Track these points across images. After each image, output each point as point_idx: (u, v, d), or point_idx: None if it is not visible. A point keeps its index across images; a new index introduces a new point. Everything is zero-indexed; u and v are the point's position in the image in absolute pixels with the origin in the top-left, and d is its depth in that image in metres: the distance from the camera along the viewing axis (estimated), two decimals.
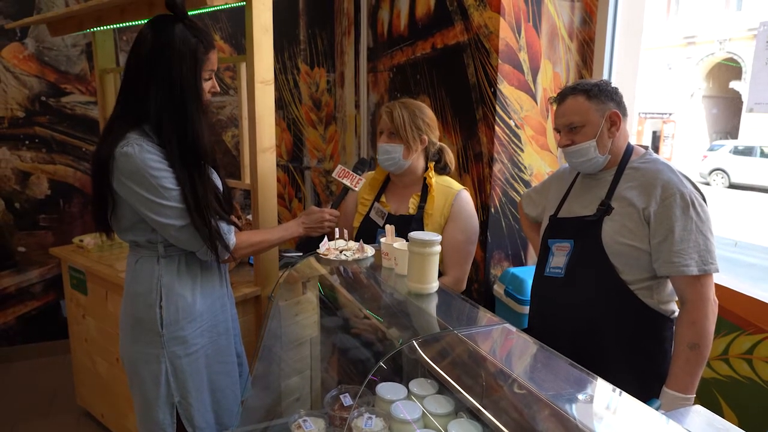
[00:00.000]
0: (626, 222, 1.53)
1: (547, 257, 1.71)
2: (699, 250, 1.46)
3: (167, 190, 1.43)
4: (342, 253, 1.53)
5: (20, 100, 3.30)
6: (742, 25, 14.10)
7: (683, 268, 1.45)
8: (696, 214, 1.47)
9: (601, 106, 1.56)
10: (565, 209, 1.72)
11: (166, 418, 1.58)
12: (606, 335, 1.57)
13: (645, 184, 1.54)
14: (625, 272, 1.54)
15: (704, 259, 1.46)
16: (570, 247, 1.64)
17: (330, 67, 3.53)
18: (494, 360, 1.09)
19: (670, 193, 1.48)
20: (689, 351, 1.46)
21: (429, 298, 1.26)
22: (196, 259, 1.57)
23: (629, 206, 1.54)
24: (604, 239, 1.55)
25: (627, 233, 1.53)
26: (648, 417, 0.95)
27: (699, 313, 1.46)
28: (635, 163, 1.60)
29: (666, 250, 1.48)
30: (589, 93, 1.56)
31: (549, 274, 1.68)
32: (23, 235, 3.42)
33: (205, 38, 1.47)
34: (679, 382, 1.46)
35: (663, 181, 1.51)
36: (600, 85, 1.58)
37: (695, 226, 1.46)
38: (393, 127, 1.81)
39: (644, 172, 1.57)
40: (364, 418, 1.39)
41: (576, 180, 1.75)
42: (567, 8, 2.44)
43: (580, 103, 1.57)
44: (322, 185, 3.76)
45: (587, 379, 0.99)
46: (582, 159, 1.59)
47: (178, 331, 1.54)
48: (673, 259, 1.46)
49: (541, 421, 1.05)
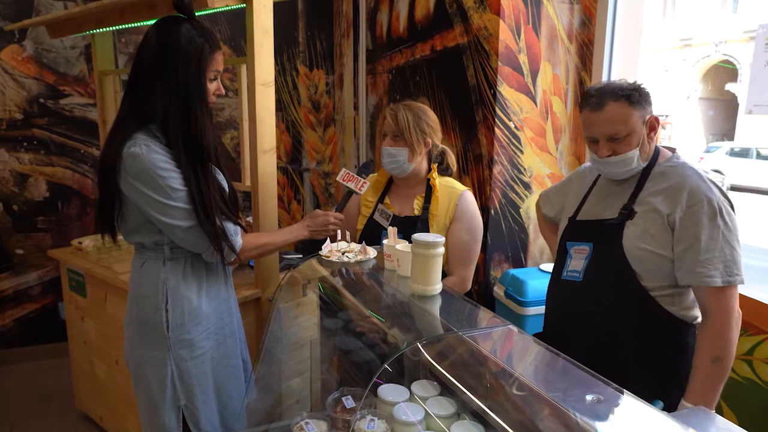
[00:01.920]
0: (649, 227, 1.47)
1: (564, 260, 1.65)
2: (725, 261, 1.39)
3: (174, 190, 1.43)
4: (344, 254, 1.53)
5: (19, 102, 3.29)
6: (738, 28, 14.16)
7: (707, 279, 1.39)
8: (723, 222, 1.41)
9: (643, 111, 1.47)
10: (585, 211, 1.66)
11: (172, 421, 1.57)
12: (625, 342, 1.52)
13: (671, 189, 1.47)
14: (646, 279, 1.47)
15: (729, 270, 1.39)
16: (589, 250, 1.57)
17: (329, 69, 3.53)
18: (498, 361, 1.09)
19: (697, 200, 1.42)
20: (711, 365, 1.40)
21: (432, 299, 1.26)
22: (201, 261, 1.57)
23: (653, 211, 1.47)
24: (626, 244, 1.48)
25: (649, 239, 1.46)
26: (652, 417, 0.95)
27: (722, 325, 1.40)
28: (662, 166, 1.52)
29: (690, 259, 1.41)
30: (631, 98, 1.44)
31: (566, 278, 1.62)
32: (21, 238, 3.41)
33: (212, 39, 1.48)
34: (699, 396, 1.41)
35: (690, 186, 1.44)
36: (639, 89, 1.47)
37: (722, 235, 1.40)
38: (398, 129, 1.81)
39: (671, 176, 1.49)
40: (367, 420, 1.39)
41: (597, 181, 1.68)
42: (566, 10, 2.44)
43: (624, 110, 1.44)
44: (321, 187, 3.76)
45: (591, 380, 0.99)
46: (624, 169, 1.51)
47: (184, 334, 1.53)
48: (697, 269, 1.40)
49: (544, 423, 1.05)
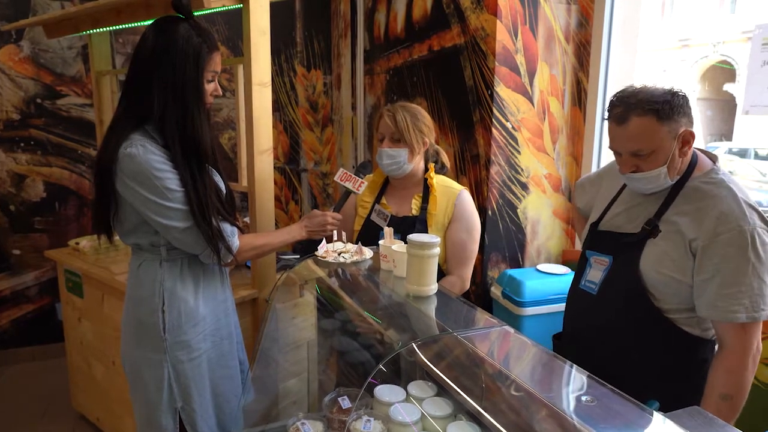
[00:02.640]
0: (670, 251, 1.36)
1: (584, 268, 1.57)
2: (752, 296, 1.26)
3: (171, 191, 1.42)
4: (340, 255, 1.53)
5: (16, 102, 3.29)
6: (736, 28, 14.18)
7: (730, 315, 1.27)
8: (755, 254, 1.26)
9: (674, 126, 1.31)
10: (608, 220, 1.56)
11: (169, 423, 1.57)
12: (639, 356, 1.44)
13: (699, 210, 1.33)
14: (662, 301, 1.38)
15: (756, 305, 1.26)
16: (609, 262, 1.48)
17: (327, 70, 3.53)
18: (493, 362, 1.09)
19: (727, 228, 1.28)
20: (721, 401, 1.30)
21: (428, 300, 1.26)
22: (198, 262, 1.57)
23: (676, 233, 1.35)
24: (643, 265, 1.38)
25: (669, 263, 1.35)
26: (647, 418, 0.95)
27: (739, 363, 1.29)
28: (696, 181, 1.38)
29: (712, 291, 1.29)
30: (660, 113, 1.29)
31: (583, 288, 1.55)
32: (18, 238, 3.41)
33: (210, 39, 1.48)
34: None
35: (721, 211, 1.30)
36: (671, 100, 1.31)
37: (752, 268, 1.26)
38: (397, 131, 1.81)
39: (703, 195, 1.35)
40: (363, 420, 1.39)
41: (625, 186, 1.56)
42: (563, 11, 2.44)
43: (650, 126, 1.30)
44: (318, 187, 3.76)
45: (586, 381, 0.99)
46: (649, 186, 1.39)
47: (180, 336, 1.53)
48: (718, 303, 1.28)
49: (539, 423, 1.05)
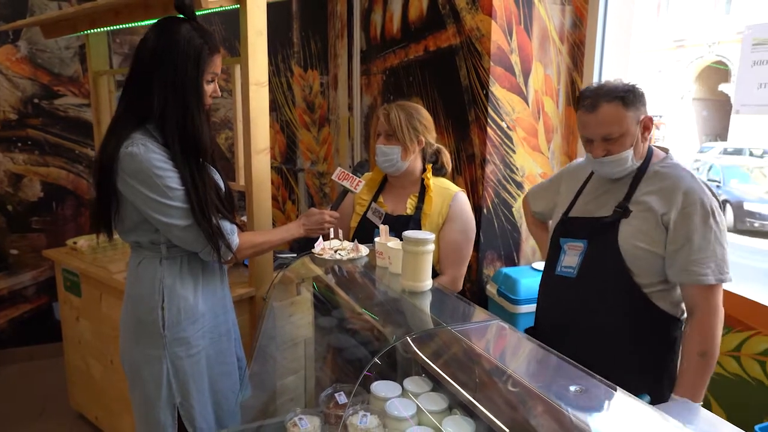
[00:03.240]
0: (643, 226, 1.51)
1: (558, 256, 1.68)
2: (716, 260, 1.45)
3: (172, 189, 1.44)
4: (337, 252, 1.55)
5: (13, 103, 3.30)
6: (731, 29, 14.23)
7: (701, 278, 1.44)
8: (716, 223, 1.46)
9: (637, 112, 1.50)
10: (578, 208, 1.69)
11: (168, 419, 1.58)
12: (617, 337, 1.55)
13: (665, 189, 1.51)
14: (639, 275, 1.52)
15: (720, 268, 1.45)
16: (583, 247, 1.61)
17: (323, 70, 3.55)
18: (487, 356, 1.11)
19: (691, 201, 1.46)
20: (699, 359, 1.45)
21: (423, 295, 1.28)
22: (198, 260, 1.58)
23: (647, 211, 1.51)
24: (621, 242, 1.52)
25: (643, 237, 1.50)
26: (640, 411, 0.97)
27: (710, 322, 1.46)
28: (656, 166, 1.57)
29: (683, 258, 1.46)
30: (625, 100, 1.48)
31: (560, 273, 1.65)
32: (15, 238, 3.42)
33: (211, 41, 1.50)
34: (689, 389, 1.46)
35: (685, 188, 1.49)
36: (633, 90, 1.51)
37: (714, 235, 1.45)
38: (390, 128, 1.83)
39: (665, 177, 1.54)
40: (359, 415, 1.41)
41: (590, 178, 1.71)
42: (558, 11, 2.47)
43: (618, 111, 1.48)
44: (315, 187, 3.77)
45: (577, 373, 1.01)
46: (618, 169, 1.55)
47: (180, 333, 1.55)
48: (690, 268, 1.45)
49: (534, 417, 1.07)
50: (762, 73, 1.85)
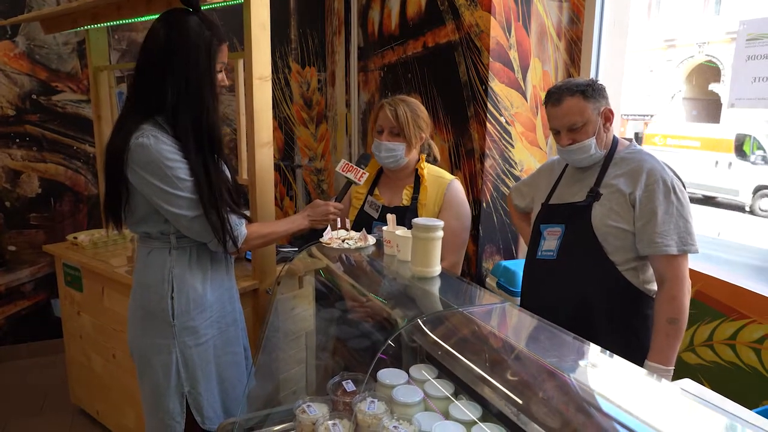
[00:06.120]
0: (614, 206, 1.64)
1: (538, 242, 1.79)
2: (679, 232, 1.57)
3: (181, 180, 1.46)
4: (345, 242, 1.57)
5: (11, 98, 3.29)
6: (721, 29, 14.39)
7: (665, 248, 1.57)
8: (677, 198, 1.59)
9: (597, 104, 1.65)
10: (556, 197, 1.81)
11: (176, 407, 1.60)
12: (596, 312, 1.67)
13: (631, 172, 1.65)
14: (613, 253, 1.64)
15: (684, 240, 1.57)
16: (561, 231, 1.74)
17: (321, 67, 3.57)
18: (499, 335, 1.14)
19: (653, 180, 1.60)
20: (669, 326, 1.57)
21: (432, 280, 1.31)
22: (206, 250, 1.60)
23: (617, 192, 1.64)
24: (594, 222, 1.65)
25: (615, 216, 1.63)
26: (644, 379, 1.01)
27: (677, 290, 1.58)
28: (622, 153, 1.71)
29: (649, 231, 1.59)
30: (585, 93, 1.63)
31: (541, 257, 1.77)
32: (14, 234, 3.41)
33: (218, 31, 1.52)
34: (661, 355, 1.58)
35: (647, 168, 1.62)
36: (593, 84, 1.66)
37: (676, 209, 1.58)
38: (398, 126, 1.84)
39: (630, 161, 1.67)
40: (367, 402, 1.43)
41: (565, 171, 1.85)
42: (555, 8, 2.51)
43: (579, 103, 1.63)
44: (313, 183, 3.79)
45: (588, 349, 1.04)
46: (584, 156, 1.68)
47: (188, 322, 1.56)
48: (655, 240, 1.58)
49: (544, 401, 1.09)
50: (756, 67, 1.90)
